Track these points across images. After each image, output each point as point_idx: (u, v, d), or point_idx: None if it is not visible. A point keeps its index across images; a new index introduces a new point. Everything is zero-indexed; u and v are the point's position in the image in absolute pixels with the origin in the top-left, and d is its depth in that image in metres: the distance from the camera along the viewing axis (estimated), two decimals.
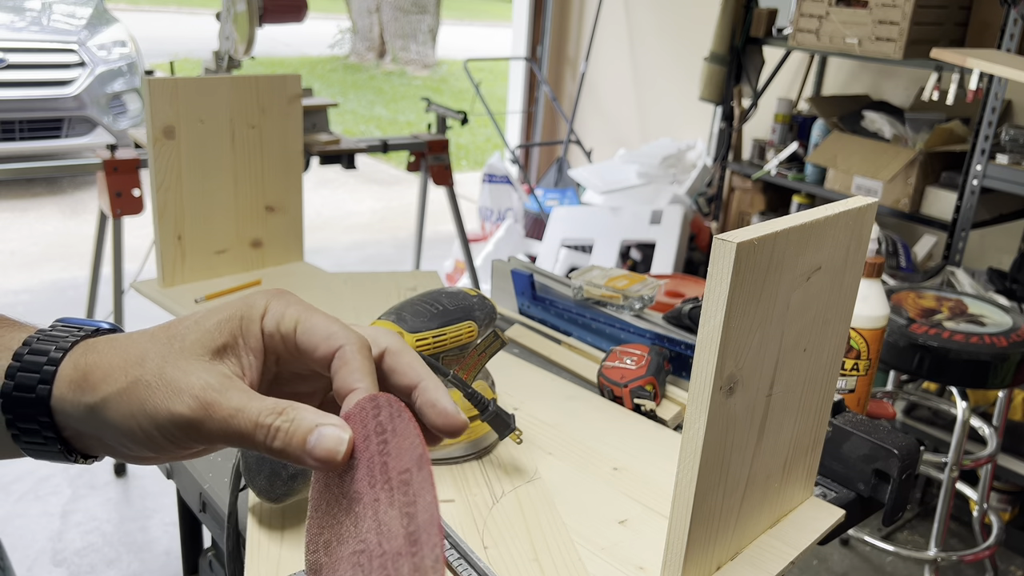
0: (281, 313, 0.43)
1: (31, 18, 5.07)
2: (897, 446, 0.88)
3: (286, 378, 0.46)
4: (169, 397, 0.40)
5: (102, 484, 2.38)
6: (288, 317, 0.43)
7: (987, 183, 2.32)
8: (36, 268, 3.95)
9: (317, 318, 0.43)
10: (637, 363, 1.08)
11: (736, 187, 3.28)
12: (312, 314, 0.43)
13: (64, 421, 0.43)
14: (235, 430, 0.40)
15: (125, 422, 0.41)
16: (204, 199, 1.41)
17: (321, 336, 0.42)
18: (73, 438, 0.44)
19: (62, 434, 0.43)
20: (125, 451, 0.43)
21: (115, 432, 0.42)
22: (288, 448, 0.40)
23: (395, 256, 4.51)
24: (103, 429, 0.42)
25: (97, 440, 0.43)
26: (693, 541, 0.69)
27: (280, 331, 0.43)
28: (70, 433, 0.43)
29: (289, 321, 0.43)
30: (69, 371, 0.42)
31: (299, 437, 0.40)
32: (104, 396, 0.41)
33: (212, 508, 0.95)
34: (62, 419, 0.43)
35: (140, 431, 0.41)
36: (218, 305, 0.44)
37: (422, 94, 3.57)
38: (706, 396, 0.64)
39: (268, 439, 0.40)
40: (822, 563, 2.21)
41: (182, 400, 0.40)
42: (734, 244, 0.60)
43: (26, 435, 0.43)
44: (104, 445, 0.44)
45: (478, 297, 0.94)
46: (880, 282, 1.13)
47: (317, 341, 0.42)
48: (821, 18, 2.65)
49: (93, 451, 0.45)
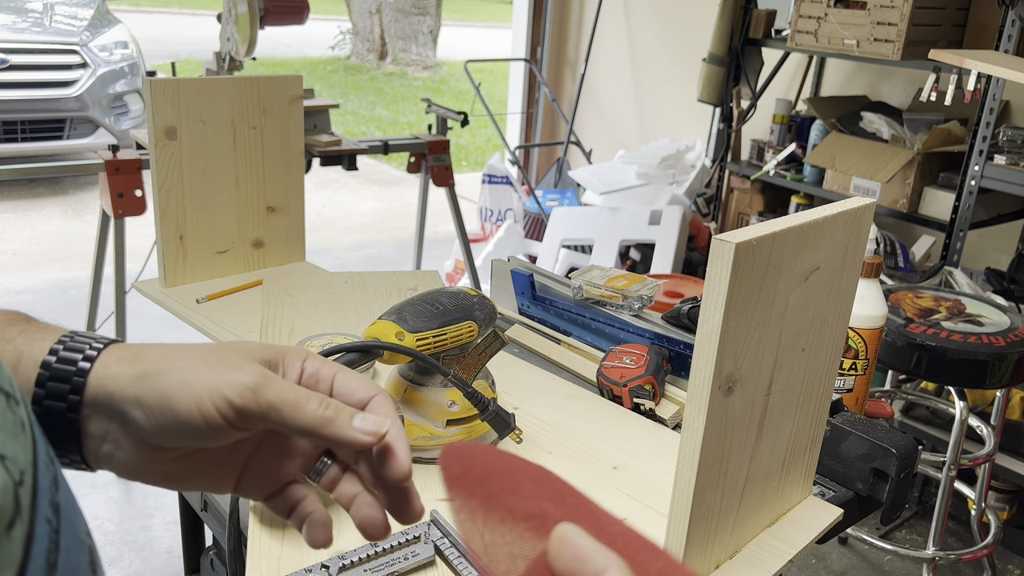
0: (321, 363, 0.49)
1: (33, 19, 5.07)
2: (895, 445, 0.88)
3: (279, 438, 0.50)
4: (230, 370, 0.44)
5: (103, 483, 2.39)
6: (328, 366, 0.49)
7: (985, 183, 2.33)
8: (38, 268, 3.96)
9: (353, 374, 0.49)
10: (636, 363, 1.09)
11: (735, 188, 3.28)
12: (345, 369, 0.50)
13: (94, 397, 0.43)
14: (291, 397, 0.44)
15: (178, 391, 0.43)
16: (206, 199, 1.41)
17: (360, 384, 0.48)
18: (86, 421, 0.44)
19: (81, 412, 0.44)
20: (148, 432, 0.43)
21: (160, 404, 0.43)
22: (339, 418, 0.44)
23: (396, 256, 4.52)
24: (145, 401, 0.43)
25: (113, 425, 0.44)
26: (692, 540, 0.70)
27: (319, 375, 0.48)
28: (89, 413, 0.44)
29: (329, 370, 0.49)
30: (117, 351, 0.45)
31: (348, 412, 0.45)
32: (160, 367, 0.44)
33: (214, 507, 0.96)
34: (92, 395, 0.43)
35: (193, 400, 0.43)
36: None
37: (422, 95, 3.58)
38: (705, 395, 0.64)
39: (321, 406, 0.44)
40: (820, 562, 2.22)
41: (243, 370, 0.44)
42: (733, 244, 0.60)
43: (48, 415, 0.43)
44: (116, 435, 0.44)
45: (478, 297, 0.94)
46: (878, 282, 1.14)
47: (355, 388, 0.48)
48: (820, 19, 2.66)
49: (95, 445, 0.45)
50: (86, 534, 0.35)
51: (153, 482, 0.47)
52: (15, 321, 0.45)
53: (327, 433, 0.44)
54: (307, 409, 0.44)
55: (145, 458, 0.45)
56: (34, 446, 0.31)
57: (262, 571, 0.75)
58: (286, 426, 0.44)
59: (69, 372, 0.43)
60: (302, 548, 0.78)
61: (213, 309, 1.34)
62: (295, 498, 0.49)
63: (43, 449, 0.32)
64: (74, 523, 0.33)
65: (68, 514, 0.32)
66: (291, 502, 0.49)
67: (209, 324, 1.27)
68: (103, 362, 0.44)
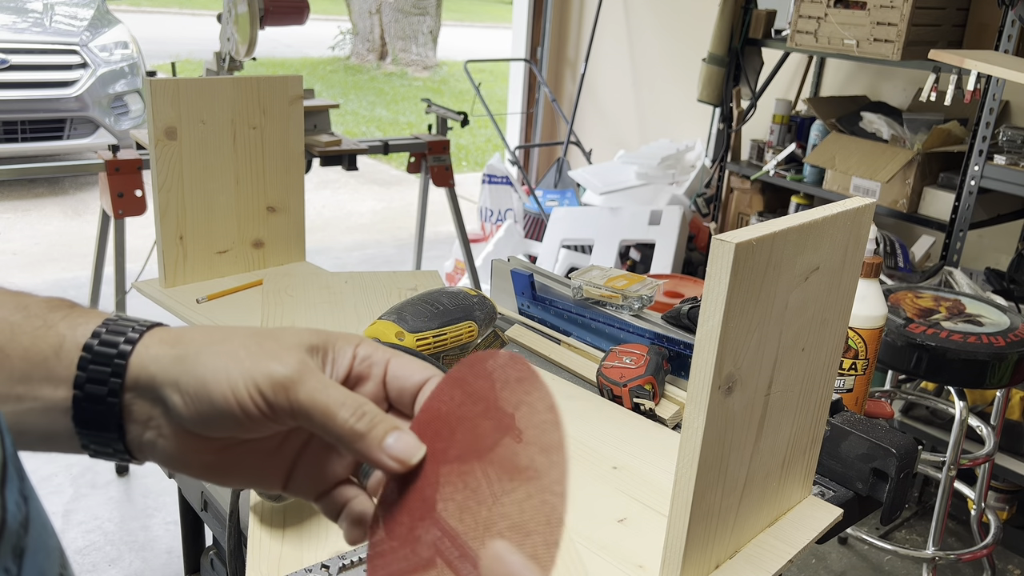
0: (374, 348, 0.46)
1: (33, 19, 5.07)
2: (895, 445, 0.88)
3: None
4: (268, 358, 0.42)
5: (104, 483, 2.39)
6: (381, 352, 0.46)
7: (985, 183, 2.33)
8: (38, 268, 3.96)
9: (408, 357, 0.47)
10: (636, 363, 1.09)
11: (735, 188, 3.29)
12: (399, 353, 0.47)
13: (135, 380, 0.42)
14: (322, 401, 0.41)
15: (215, 376, 0.42)
16: (206, 199, 1.41)
17: (416, 367, 0.46)
18: (129, 408, 0.43)
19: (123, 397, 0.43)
20: (187, 418, 0.42)
21: (198, 387, 0.42)
22: (370, 433, 0.42)
23: (396, 256, 4.52)
24: (184, 385, 0.42)
25: (155, 410, 0.43)
26: (692, 539, 0.70)
27: (372, 360, 0.46)
28: (130, 399, 0.43)
29: (382, 354, 0.46)
30: (159, 333, 0.44)
31: (381, 428, 0.42)
32: (199, 349, 0.43)
33: (214, 507, 0.96)
34: (134, 377, 0.43)
35: (228, 386, 0.41)
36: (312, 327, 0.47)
37: (422, 95, 3.58)
38: (705, 395, 0.64)
39: (354, 417, 0.42)
40: (820, 561, 2.22)
41: (281, 362, 0.42)
42: (733, 244, 0.60)
43: (88, 400, 0.42)
44: (157, 421, 0.43)
45: (478, 297, 0.94)
46: (878, 282, 1.14)
47: (410, 372, 0.46)
48: (819, 19, 2.66)
49: (137, 433, 0.44)
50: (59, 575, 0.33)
51: (197, 474, 0.46)
52: (58, 307, 0.45)
53: (356, 449, 0.42)
54: (338, 418, 0.41)
55: (188, 447, 0.44)
56: (3, 486, 0.29)
57: (262, 571, 0.75)
58: (316, 431, 0.42)
59: (111, 355, 0.42)
60: (302, 548, 0.78)
61: (213, 309, 1.34)
62: (345, 498, 0.46)
63: (15, 487, 0.30)
64: (43, 567, 0.31)
65: (36, 557, 0.30)
66: (340, 503, 0.46)
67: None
68: (145, 344, 0.43)
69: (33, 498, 0.31)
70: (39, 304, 0.44)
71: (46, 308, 0.44)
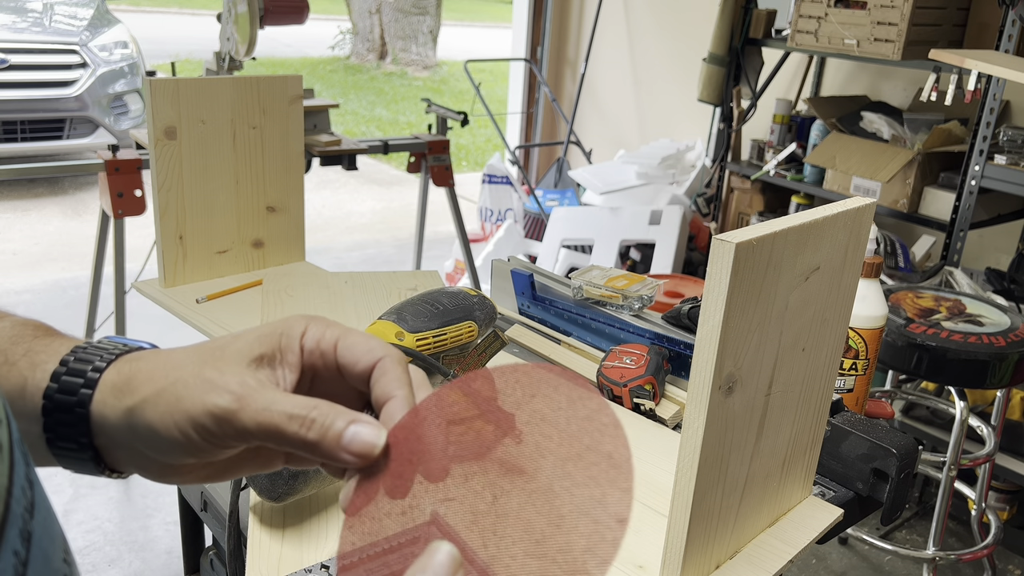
0: (321, 332, 0.45)
1: (33, 19, 5.07)
2: (895, 445, 0.88)
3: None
4: (206, 392, 0.41)
5: (103, 483, 2.39)
6: (328, 335, 0.45)
7: (985, 183, 2.33)
8: (38, 268, 3.96)
9: (356, 335, 0.45)
10: (636, 363, 1.09)
11: (735, 187, 3.29)
12: (351, 332, 0.45)
13: (100, 427, 0.43)
14: (268, 422, 0.41)
15: (162, 420, 0.42)
16: (205, 199, 1.41)
17: (362, 350, 0.44)
18: (105, 449, 0.44)
19: (95, 441, 0.44)
20: (156, 457, 0.43)
21: (150, 434, 0.42)
22: (324, 439, 0.40)
23: (396, 256, 4.52)
24: (138, 432, 0.42)
25: (129, 452, 0.44)
26: (692, 540, 0.70)
27: (320, 348, 0.44)
28: (103, 442, 0.44)
29: (330, 339, 0.45)
30: (112, 376, 0.43)
31: (335, 430, 0.40)
32: (143, 397, 0.42)
33: (213, 507, 0.96)
34: (99, 425, 0.43)
35: (176, 428, 0.41)
36: (259, 325, 0.46)
37: (422, 95, 3.58)
38: (705, 395, 0.64)
39: (303, 428, 0.40)
40: (820, 562, 2.22)
41: (218, 393, 0.41)
42: (733, 244, 0.60)
43: (61, 440, 0.43)
44: (135, 457, 0.44)
45: (478, 297, 0.94)
46: (878, 282, 1.14)
47: (358, 355, 0.44)
48: (820, 19, 2.66)
49: (122, 465, 0.45)
50: (64, 562, 0.34)
51: (193, 482, 0.46)
52: (20, 339, 0.45)
53: (315, 456, 0.41)
54: (287, 433, 0.41)
55: (172, 471, 0.45)
56: (11, 470, 0.29)
57: (262, 571, 0.75)
58: (272, 447, 0.42)
59: (71, 403, 0.43)
60: (302, 548, 0.78)
61: (213, 309, 1.34)
62: None
63: (21, 472, 0.30)
64: (48, 552, 0.31)
65: (42, 542, 0.31)
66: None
67: (209, 324, 1.27)
68: (101, 392, 0.43)
69: (38, 484, 0.32)
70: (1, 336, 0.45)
71: (8, 341, 0.44)
